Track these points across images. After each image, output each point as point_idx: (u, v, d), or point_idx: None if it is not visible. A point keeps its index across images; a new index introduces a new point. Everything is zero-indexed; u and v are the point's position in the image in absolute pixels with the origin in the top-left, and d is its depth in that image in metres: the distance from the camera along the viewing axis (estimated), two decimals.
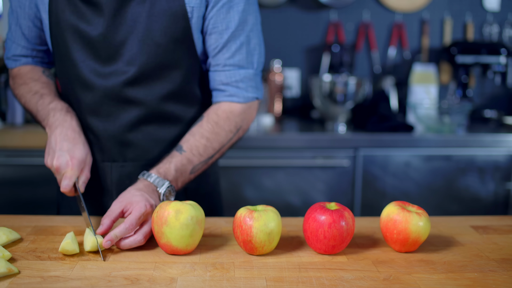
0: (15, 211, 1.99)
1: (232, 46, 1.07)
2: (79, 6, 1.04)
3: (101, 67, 1.05)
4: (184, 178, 1.04)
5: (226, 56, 1.07)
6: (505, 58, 2.55)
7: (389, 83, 2.56)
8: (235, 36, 1.06)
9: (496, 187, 2.25)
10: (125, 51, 1.04)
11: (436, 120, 2.31)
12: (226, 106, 1.09)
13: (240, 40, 1.07)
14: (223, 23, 1.05)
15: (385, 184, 2.20)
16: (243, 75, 1.09)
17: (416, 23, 2.71)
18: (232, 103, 1.09)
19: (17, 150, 2.11)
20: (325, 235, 0.85)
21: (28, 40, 1.14)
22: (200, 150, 1.05)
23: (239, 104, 1.10)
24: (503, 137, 2.23)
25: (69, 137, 1.02)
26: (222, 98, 1.10)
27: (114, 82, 1.05)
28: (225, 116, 1.08)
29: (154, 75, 1.06)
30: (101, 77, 1.06)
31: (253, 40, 1.08)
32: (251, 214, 0.86)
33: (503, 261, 0.86)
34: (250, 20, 1.08)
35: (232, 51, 1.07)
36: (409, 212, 0.87)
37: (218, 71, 1.09)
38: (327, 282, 0.77)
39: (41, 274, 0.77)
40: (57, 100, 1.10)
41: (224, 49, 1.07)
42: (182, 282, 0.76)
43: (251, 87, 1.10)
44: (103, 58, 1.05)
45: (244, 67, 1.08)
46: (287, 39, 2.67)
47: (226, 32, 1.06)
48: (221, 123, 1.08)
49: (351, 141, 2.16)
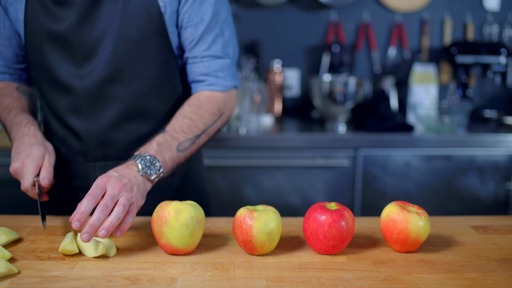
0: (15, 211, 1.99)
1: (208, 38, 1.09)
2: (53, 9, 1.04)
3: (78, 68, 1.06)
4: (171, 154, 1.00)
5: (203, 47, 1.09)
6: (505, 58, 2.55)
7: (389, 83, 2.56)
8: (210, 28, 1.09)
9: (496, 187, 2.25)
10: (100, 49, 1.05)
11: (436, 120, 2.31)
12: (207, 93, 1.11)
13: (215, 32, 1.09)
14: (197, 16, 1.07)
15: (385, 184, 2.20)
16: (221, 65, 1.11)
17: (416, 23, 2.71)
18: (213, 91, 1.11)
19: None
20: (325, 235, 0.85)
21: (5, 59, 1.15)
22: (184, 128, 1.04)
23: (220, 92, 1.12)
24: (503, 137, 2.23)
25: (25, 142, 1.03)
26: (202, 87, 1.12)
27: (92, 82, 1.06)
28: (207, 100, 1.10)
29: (132, 71, 1.07)
30: (78, 78, 1.06)
31: (226, 31, 1.11)
32: (251, 214, 0.86)
33: (503, 261, 0.86)
34: (223, 12, 1.10)
35: (208, 43, 1.09)
36: (409, 212, 0.87)
37: (196, 63, 1.11)
38: (327, 282, 0.77)
39: (41, 274, 0.77)
40: (21, 114, 1.10)
41: (200, 42, 1.09)
42: (182, 282, 0.76)
43: (229, 76, 1.12)
44: (80, 59, 1.06)
45: (221, 57, 1.11)
46: (287, 39, 2.67)
47: (201, 24, 1.08)
48: (203, 105, 1.09)
49: (351, 141, 2.16)
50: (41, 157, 1.01)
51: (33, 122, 1.10)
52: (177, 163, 1.04)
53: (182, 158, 1.04)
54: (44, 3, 1.05)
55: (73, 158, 1.14)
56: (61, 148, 1.14)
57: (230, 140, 2.07)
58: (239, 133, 2.11)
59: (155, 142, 1.00)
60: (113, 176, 0.89)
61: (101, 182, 0.87)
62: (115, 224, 0.83)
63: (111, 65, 1.05)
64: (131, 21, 1.04)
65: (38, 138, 1.04)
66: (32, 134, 1.05)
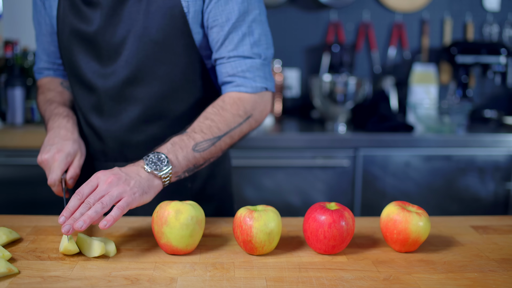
0: (15, 211, 1.99)
1: (234, 38, 1.04)
2: (81, 8, 1.06)
3: (102, 68, 1.06)
4: (185, 153, 0.96)
5: (229, 48, 1.05)
6: (505, 58, 2.55)
7: (389, 83, 2.56)
8: (237, 27, 1.04)
9: (496, 187, 2.25)
10: (123, 50, 1.04)
11: (436, 120, 2.31)
12: (233, 94, 1.06)
13: (242, 31, 1.04)
14: (222, 15, 1.04)
15: (385, 184, 2.20)
16: (249, 65, 1.05)
17: (416, 23, 2.71)
18: (240, 92, 1.06)
19: (17, 150, 2.11)
20: (325, 235, 0.85)
21: (48, 55, 1.20)
22: (203, 129, 1.00)
23: (248, 94, 1.05)
24: (503, 137, 2.23)
25: (61, 135, 1.04)
26: (229, 89, 1.07)
27: (114, 82, 1.06)
28: (232, 102, 1.04)
29: (153, 73, 1.05)
30: (102, 78, 1.07)
31: (256, 30, 1.05)
32: (251, 214, 0.86)
33: (503, 261, 0.86)
34: (252, 10, 1.05)
35: (235, 43, 1.04)
36: (409, 212, 0.87)
37: (223, 63, 1.06)
38: (327, 282, 0.77)
39: (41, 274, 0.77)
40: (61, 106, 1.13)
41: (226, 41, 1.04)
42: (182, 282, 0.76)
43: (259, 76, 1.06)
44: (104, 58, 1.06)
45: (250, 57, 1.05)
46: (287, 39, 2.67)
47: (226, 24, 1.04)
48: (227, 107, 1.03)
49: (351, 141, 2.16)
50: (73, 154, 1.01)
51: (72, 116, 1.12)
52: (194, 164, 0.99)
53: (199, 159, 0.99)
54: (74, 1, 1.06)
55: (95, 157, 1.15)
56: (86, 146, 1.14)
57: None
58: None
59: (170, 142, 0.97)
60: (110, 171, 0.88)
61: (93, 179, 0.87)
62: (93, 217, 0.82)
63: (133, 66, 1.04)
64: (154, 22, 1.02)
65: (74, 134, 1.06)
66: (69, 128, 1.06)
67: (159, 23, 1.03)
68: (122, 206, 0.85)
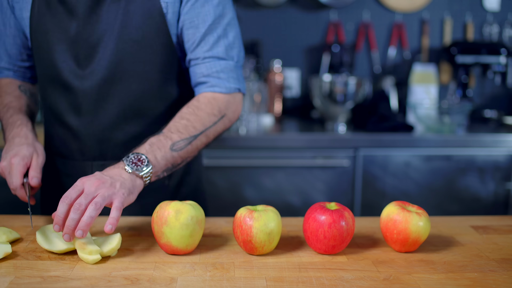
0: (15, 211, 1.99)
1: (210, 39, 1.07)
2: (58, 9, 1.06)
3: (79, 67, 1.07)
4: (164, 153, 0.98)
5: (205, 49, 1.07)
6: (505, 58, 2.55)
7: (389, 83, 2.56)
8: (212, 29, 1.07)
9: (496, 187, 2.25)
10: (101, 49, 1.05)
11: (436, 120, 2.31)
12: (208, 94, 1.08)
13: (217, 33, 1.07)
14: (199, 17, 1.06)
15: (385, 184, 2.20)
16: (223, 66, 1.08)
17: (416, 23, 2.71)
18: (214, 93, 1.08)
19: None
20: (325, 235, 0.85)
21: (10, 56, 1.18)
22: (179, 128, 1.02)
23: (222, 94, 1.09)
24: (503, 137, 2.23)
25: (15, 143, 1.03)
26: (204, 89, 1.09)
27: (92, 81, 1.06)
28: (207, 101, 1.07)
29: (132, 71, 1.06)
30: (79, 77, 1.07)
31: (230, 34, 1.09)
32: (251, 214, 0.86)
33: (503, 261, 0.86)
34: (226, 14, 1.09)
35: (210, 44, 1.07)
36: (409, 212, 0.87)
37: (198, 64, 1.09)
38: (327, 282, 0.77)
39: (41, 274, 0.77)
40: (16, 114, 1.11)
41: (202, 43, 1.07)
42: (182, 282, 0.76)
43: (232, 78, 1.09)
44: (81, 58, 1.06)
45: (224, 58, 1.08)
46: (287, 39, 2.67)
47: (202, 25, 1.06)
48: (202, 106, 1.06)
49: (351, 141, 2.16)
50: (28, 156, 1.00)
51: (26, 123, 1.10)
52: (172, 163, 1.01)
53: (177, 158, 1.01)
54: (50, 2, 1.06)
55: (71, 157, 1.14)
56: (60, 146, 1.15)
57: (230, 140, 2.07)
58: (239, 133, 2.11)
59: (148, 143, 0.99)
60: (93, 175, 0.88)
61: (78, 183, 0.86)
62: (89, 223, 0.82)
63: (112, 64, 1.05)
64: (132, 21, 1.04)
65: (28, 139, 1.05)
66: (23, 135, 1.05)
67: (138, 22, 1.04)
68: (118, 207, 0.86)
